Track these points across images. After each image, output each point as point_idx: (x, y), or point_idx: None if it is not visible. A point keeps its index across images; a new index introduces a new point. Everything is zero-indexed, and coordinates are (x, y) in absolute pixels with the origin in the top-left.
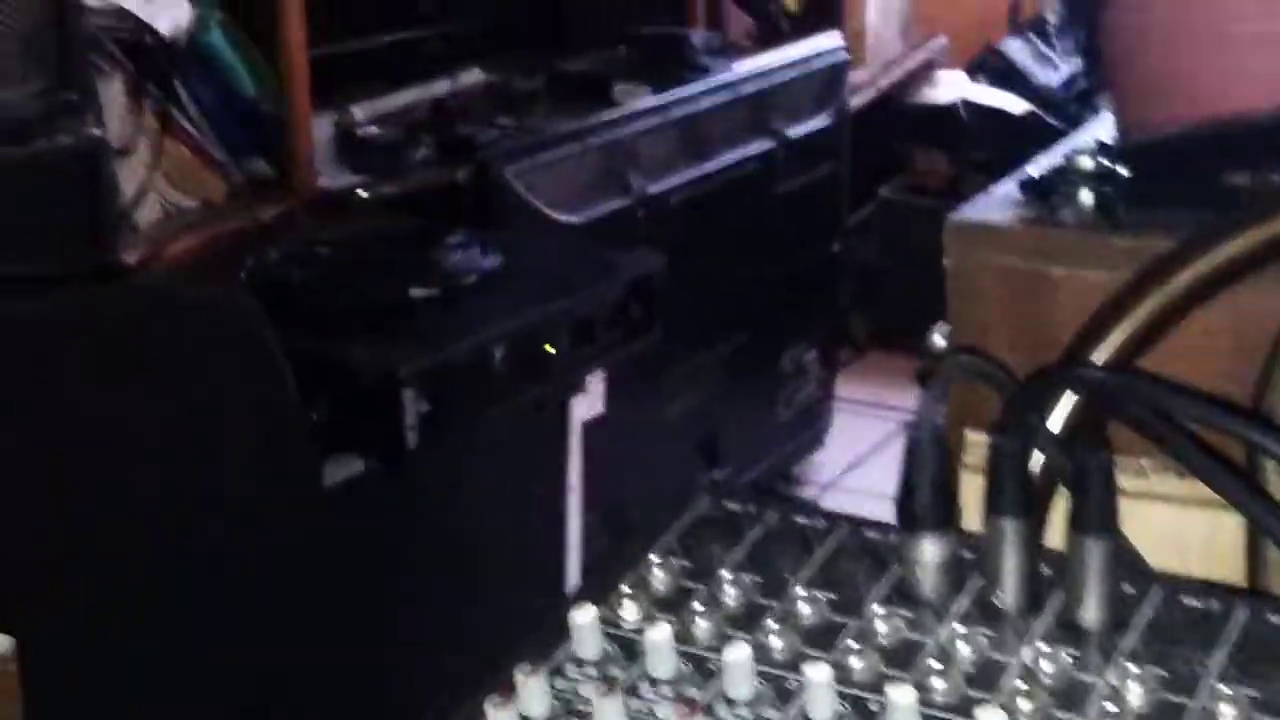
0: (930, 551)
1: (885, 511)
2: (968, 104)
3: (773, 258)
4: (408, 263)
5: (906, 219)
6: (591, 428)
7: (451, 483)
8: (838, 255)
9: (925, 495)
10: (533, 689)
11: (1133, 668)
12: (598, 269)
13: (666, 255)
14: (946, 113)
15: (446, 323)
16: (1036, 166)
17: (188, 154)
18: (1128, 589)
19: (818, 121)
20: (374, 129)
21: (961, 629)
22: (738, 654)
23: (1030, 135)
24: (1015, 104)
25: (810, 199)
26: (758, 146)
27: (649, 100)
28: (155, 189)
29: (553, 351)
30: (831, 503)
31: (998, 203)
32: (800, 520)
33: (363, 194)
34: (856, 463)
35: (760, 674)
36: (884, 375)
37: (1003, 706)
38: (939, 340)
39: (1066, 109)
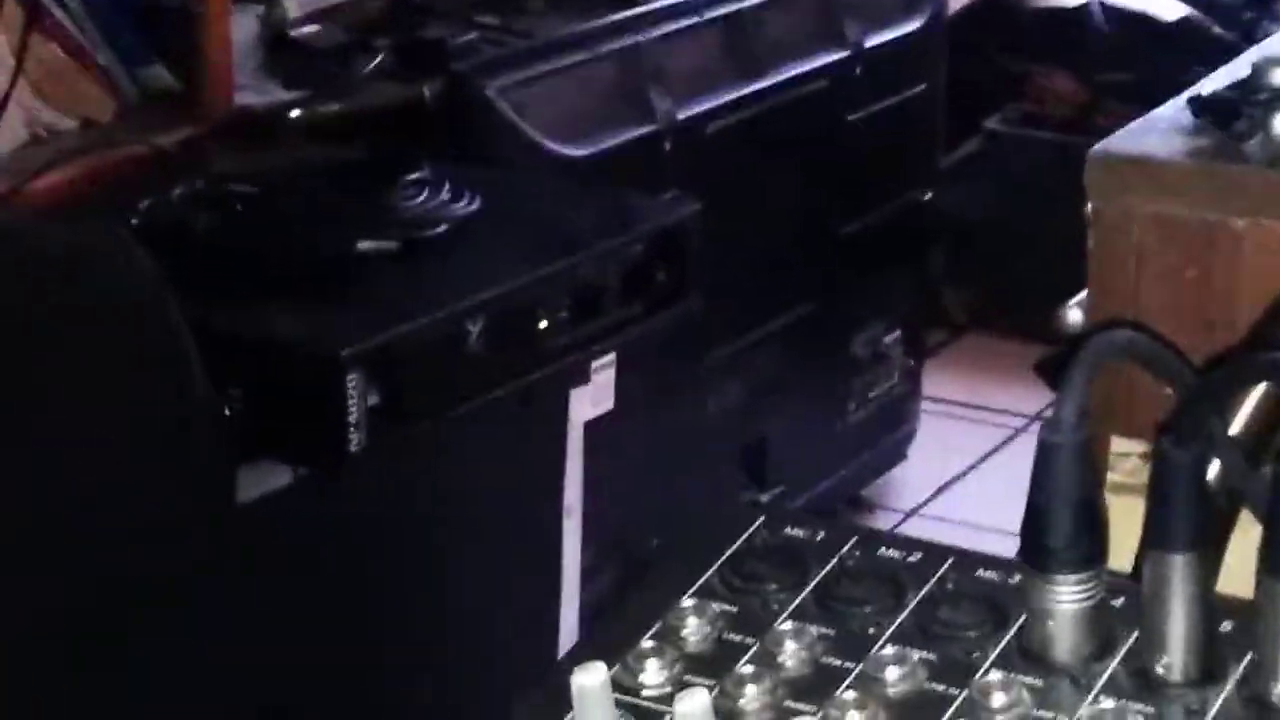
0: (1067, 599)
1: (993, 546)
2: (1105, 7)
3: (843, 207)
4: (354, 207)
5: (1022, 157)
6: (597, 430)
7: (410, 500)
8: (929, 205)
9: (1061, 524)
10: None
11: None
12: (609, 218)
13: (702, 202)
14: (1075, 18)
15: (405, 287)
16: (1210, 84)
17: (62, 57)
18: None
19: (905, 27)
20: (312, 29)
21: (1109, 704)
22: None
23: (1187, 48)
24: (1167, 6)
25: (893, 129)
26: (825, 59)
27: None
28: (19, 103)
29: (546, 327)
30: (916, 533)
31: (1158, 132)
32: (887, 554)
33: (296, 115)
34: (952, 481)
35: None
36: (990, 364)
37: None
38: (1074, 316)
39: (1236, 14)
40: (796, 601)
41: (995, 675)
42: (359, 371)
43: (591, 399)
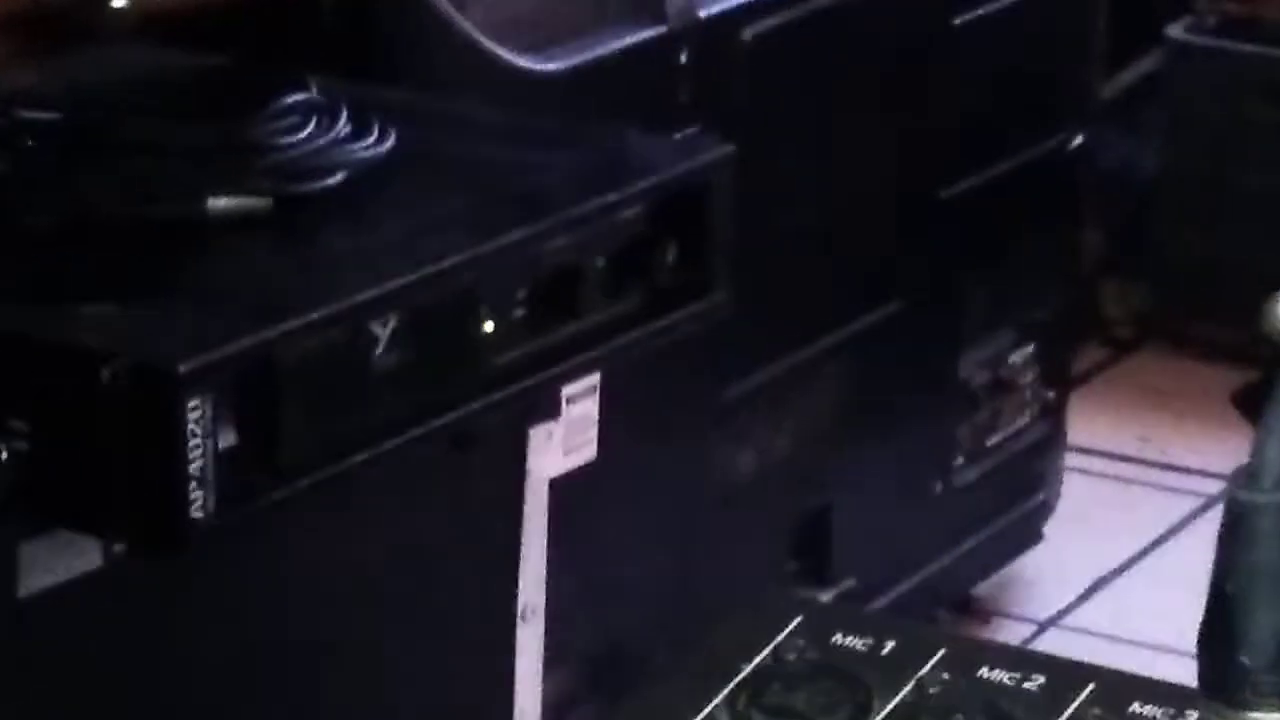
0: None
1: (1167, 670)
2: None
3: (947, 159)
4: (202, 145)
5: (1221, 81)
6: (570, 490)
7: (280, 597)
8: (1080, 155)
9: (1259, 630)
10: None
11: None
12: (592, 168)
13: (733, 144)
14: None
15: (278, 268)
16: None
17: None
18: None
19: None
20: None
21: None
22: None
23: None
24: None
25: (1024, 40)
26: None
27: None
28: None
29: (493, 331)
30: (1058, 649)
31: None
32: (992, 677)
33: (119, 3)
34: (1110, 576)
35: None
36: (1170, 397)
37: None
38: None
39: None
40: None
41: None
42: (205, 397)
43: (562, 443)
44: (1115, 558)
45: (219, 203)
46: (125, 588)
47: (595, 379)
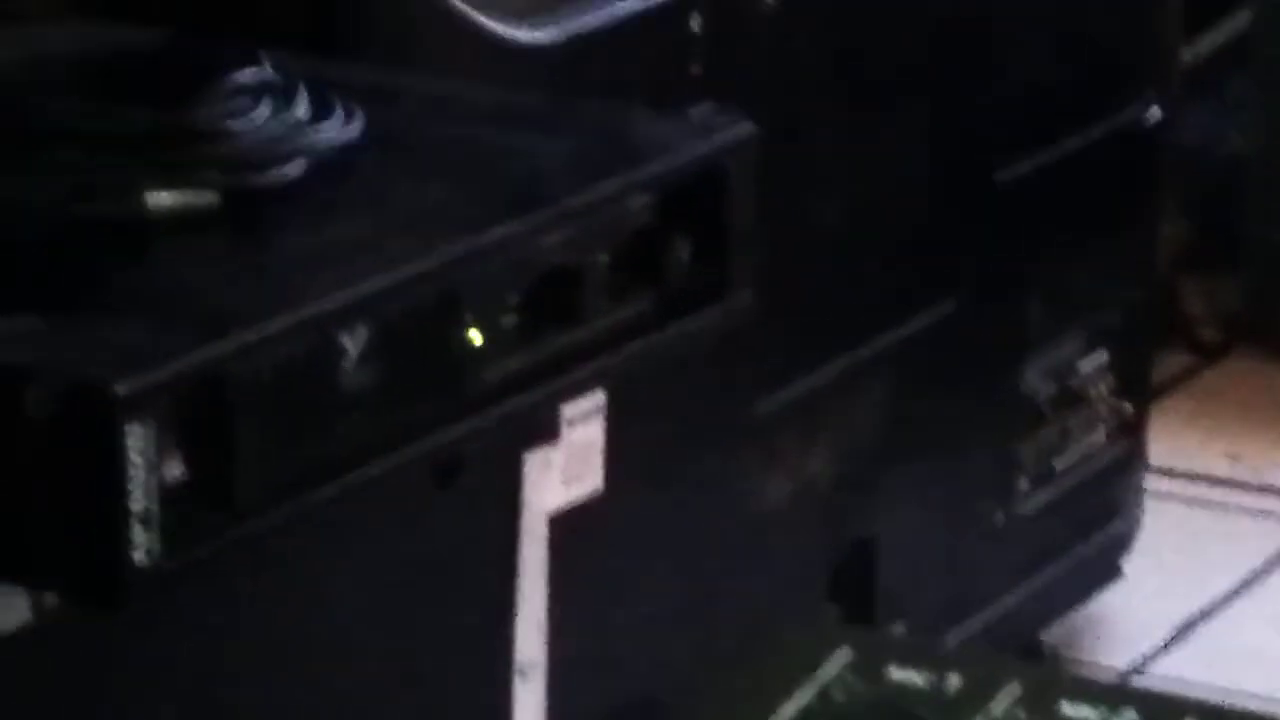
0: None
1: None
2: None
3: (1006, 136)
4: (138, 133)
5: None
6: (573, 526)
7: (237, 655)
8: (1160, 131)
9: None
10: None
11: None
12: (593, 152)
13: (756, 122)
14: None
15: (230, 273)
16: None
17: None
18: None
19: None
20: None
21: None
22: None
23: None
24: None
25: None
26: None
27: None
28: None
29: (482, 344)
30: None
31: None
32: (1076, 713)
33: None
34: (1201, 618)
35: None
36: (1270, 411)
37: None
38: None
39: None
40: None
41: None
42: (147, 422)
43: (562, 472)
44: (1206, 596)
45: (159, 198)
46: (58, 646)
47: (600, 397)
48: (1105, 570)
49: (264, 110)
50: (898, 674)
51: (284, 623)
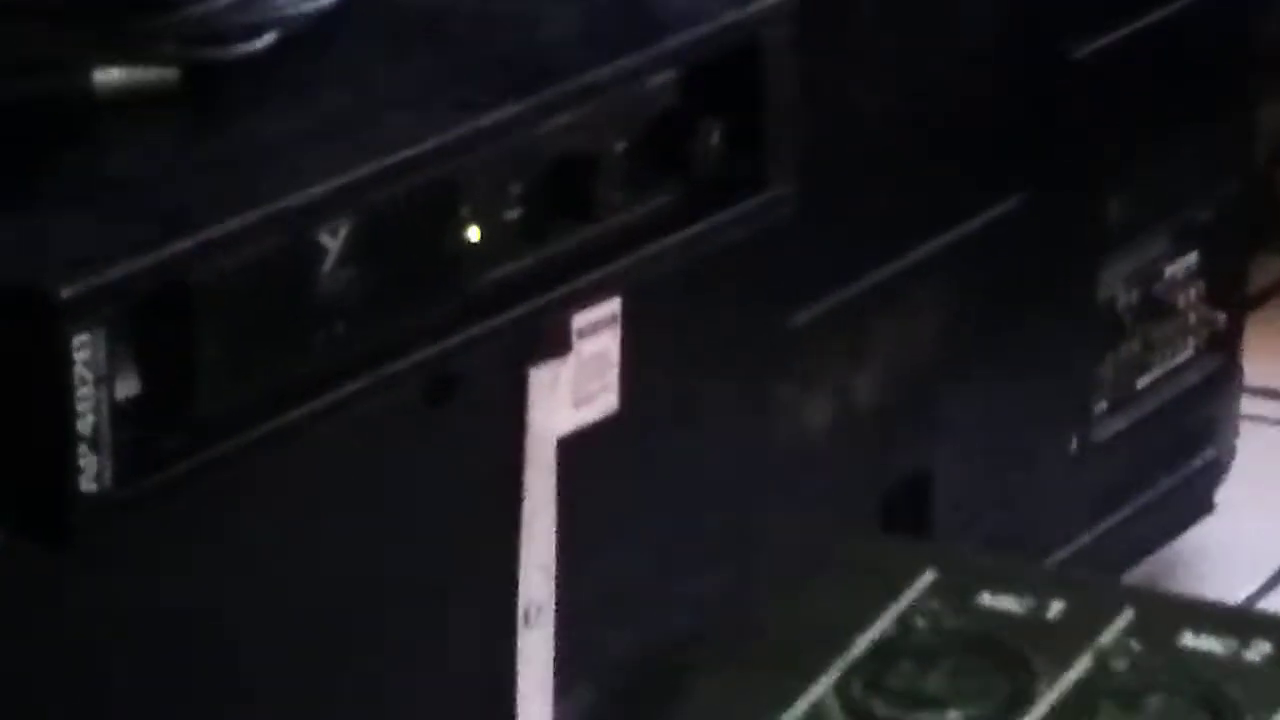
0: None
1: None
2: None
3: (1081, 3)
4: (90, 1)
5: None
6: (584, 452)
7: (210, 594)
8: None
9: None
10: None
11: None
12: (606, 20)
13: None
14: None
15: (191, 161)
16: None
17: None
18: None
19: None
20: None
21: None
22: None
23: None
24: None
25: None
26: None
27: None
28: None
29: (480, 239)
30: None
31: None
32: (1199, 645)
33: None
34: None
35: None
36: None
37: None
38: None
39: None
40: None
41: None
42: (96, 331)
43: (572, 391)
44: None
45: (110, 74)
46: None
47: (615, 305)
48: (1195, 503)
49: None
50: (990, 600)
51: (254, 561)
